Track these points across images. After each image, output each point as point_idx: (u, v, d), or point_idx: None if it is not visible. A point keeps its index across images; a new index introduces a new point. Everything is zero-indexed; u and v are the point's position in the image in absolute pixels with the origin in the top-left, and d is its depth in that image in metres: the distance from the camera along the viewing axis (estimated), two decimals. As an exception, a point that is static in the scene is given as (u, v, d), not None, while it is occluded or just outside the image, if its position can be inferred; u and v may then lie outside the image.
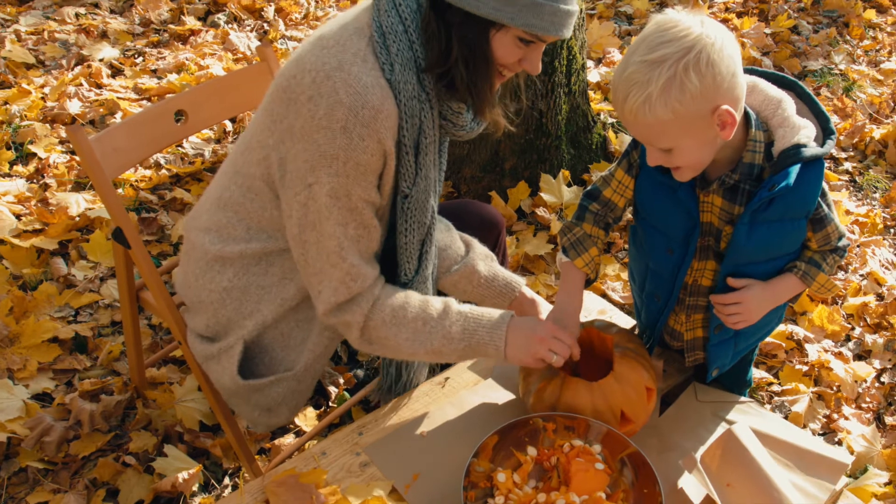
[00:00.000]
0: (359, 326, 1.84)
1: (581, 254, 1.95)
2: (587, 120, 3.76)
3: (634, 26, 5.61)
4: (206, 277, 1.98)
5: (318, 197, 1.71)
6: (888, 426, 2.79)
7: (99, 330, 2.96)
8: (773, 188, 1.67)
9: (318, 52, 1.69)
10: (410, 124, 1.74)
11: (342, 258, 1.77)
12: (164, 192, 3.65)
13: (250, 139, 1.85)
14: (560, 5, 1.62)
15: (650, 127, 1.58)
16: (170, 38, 5.15)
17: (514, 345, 1.85)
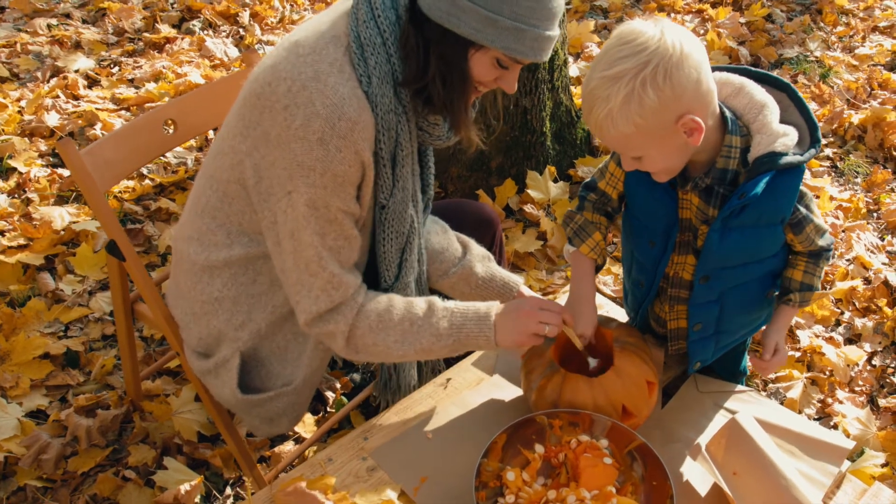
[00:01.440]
0: (343, 336, 1.83)
1: (585, 240, 1.98)
2: (571, 115, 3.77)
3: (611, 20, 5.63)
4: (196, 289, 1.96)
5: (297, 205, 1.70)
6: (882, 408, 2.82)
7: (90, 344, 2.93)
8: (742, 196, 1.69)
9: (293, 59, 1.67)
10: (387, 136, 1.73)
11: (322, 267, 1.76)
12: (148, 202, 3.62)
13: (222, 143, 1.83)
14: (542, 31, 1.61)
15: (616, 139, 1.62)
16: (145, 46, 5.11)
17: (504, 329, 1.85)
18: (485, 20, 1.58)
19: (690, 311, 1.95)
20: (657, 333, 2.16)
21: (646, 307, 2.07)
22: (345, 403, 2.72)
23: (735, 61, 5.05)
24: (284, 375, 2.01)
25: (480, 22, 1.58)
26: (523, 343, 1.86)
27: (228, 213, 1.87)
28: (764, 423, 1.90)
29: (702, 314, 1.95)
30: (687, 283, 1.95)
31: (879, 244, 3.56)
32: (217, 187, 1.86)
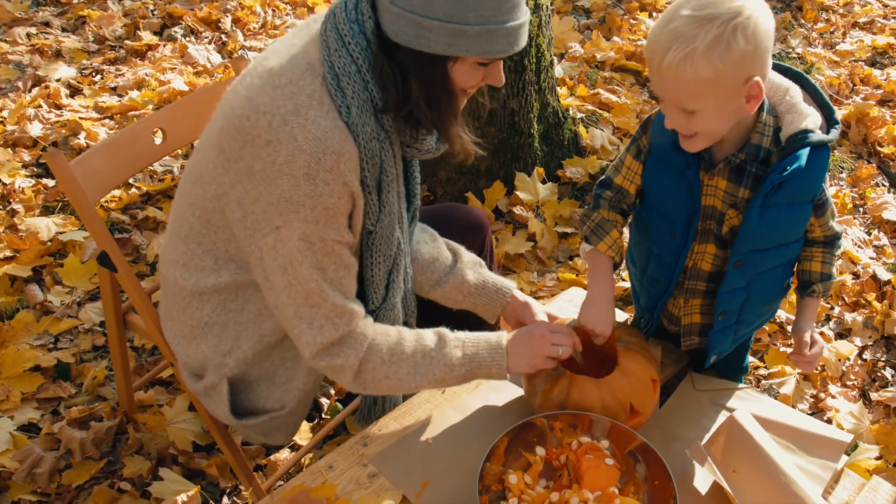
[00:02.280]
0: (353, 370, 1.79)
1: (602, 237, 1.95)
2: (558, 116, 3.78)
3: (593, 20, 5.64)
4: (185, 313, 1.93)
5: (288, 241, 1.67)
6: (874, 402, 2.84)
7: (81, 355, 2.90)
8: (784, 171, 1.70)
9: (270, 91, 1.63)
10: (371, 164, 1.71)
11: (324, 298, 1.72)
12: (135, 211, 3.59)
13: (201, 171, 1.78)
14: (512, 23, 1.59)
15: (686, 83, 1.58)
16: (127, 54, 5.07)
17: (516, 355, 1.85)
18: (454, 33, 1.56)
19: (719, 298, 1.94)
20: (668, 332, 2.16)
21: (662, 305, 2.06)
22: (339, 409, 2.71)
23: (718, 59, 5.07)
24: (275, 398, 1.99)
25: (450, 36, 1.56)
26: (537, 366, 1.85)
27: (215, 241, 1.83)
28: (761, 420, 1.91)
29: (729, 302, 1.94)
30: (705, 273, 1.95)
31: (866, 239, 3.59)
32: (200, 215, 1.82)
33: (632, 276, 2.24)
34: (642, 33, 5.36)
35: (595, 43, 5.13)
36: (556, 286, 3.26)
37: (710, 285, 1.97)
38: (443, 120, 1.72)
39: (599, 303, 1.93)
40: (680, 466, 1.84)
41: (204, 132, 1.86)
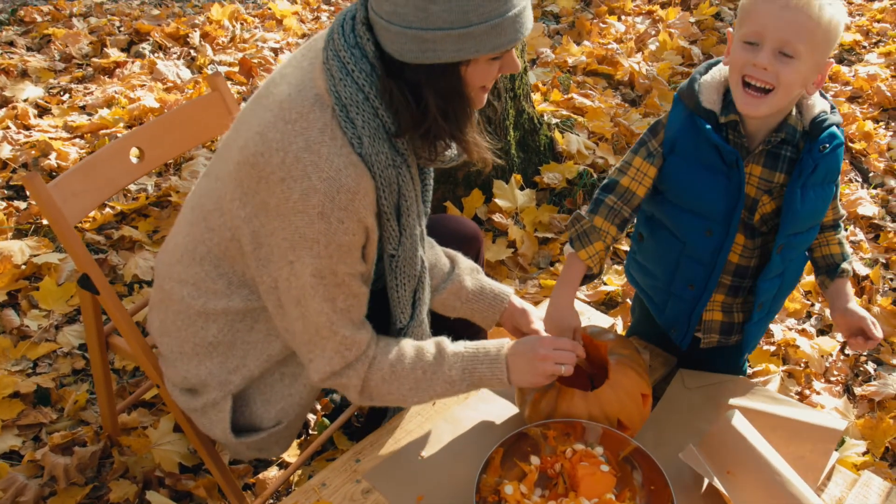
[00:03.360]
0: (357, 388, 1.81)
1: (585, 246, 1.94)
2: (533, 122, 3.79)
3: (563, 25, 5.67)
4: (188, 331, 1.91)
5: (301, 275, 1.66)
6: (858, 396, 2.87)
7: (61, 380, 2.86)
8: (824, 149, 1.78)
9: (281, 126, 1.62)
10: (388, 192, 1.68)
11: (333, 332, 1.73)
12: (110, 231, 3.55)
13: (221, 201, 1.77)
14: (513, 11, 1.55)
15: (807, 21, 1.65)
16: (94, 72, 5.02)
17: (518, 370, 1.83)
18: (460, 38, 1.53)
19: (760, 288, 1.97)
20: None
21: (701, 309, 2.05)
22: (327, 425, 2.69)
23: (688, 61, 5.12)
24: (273, 415, 1.97)
25: (457, 42, 1.53)
26: (538, 384, 1.84)
27: (232, 265, 1.82)
28: (755, 411, 1.91)
29: (768, 290, 1.98)
30: (733, 267, 1.98)
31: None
32: (219, 241, 1.80)
33: (647, 290, 2.21)
34: (612, 37, 5.40)
35: (566, 48, 5.16)
36: (539, 293, 3.26)
37: (734, 280, 2.00)
38: (461, 129, 1.70)
39: (557, 310, 1.95)
40: (674, 469, 1.84)
41: (219, 157, 1.84)
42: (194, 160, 3.99)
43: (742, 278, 1.99)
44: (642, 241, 2.14)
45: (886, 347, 3.06)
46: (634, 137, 4.25)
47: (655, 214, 2.05)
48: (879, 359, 3.03)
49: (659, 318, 2.19)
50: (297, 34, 5.59)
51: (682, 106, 1.89)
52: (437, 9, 1.50)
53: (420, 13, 1.51)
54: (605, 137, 4.19)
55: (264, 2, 6.28)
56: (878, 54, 5.16)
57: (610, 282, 3.35)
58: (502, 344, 1.87)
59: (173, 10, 6.03)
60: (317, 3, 6.23)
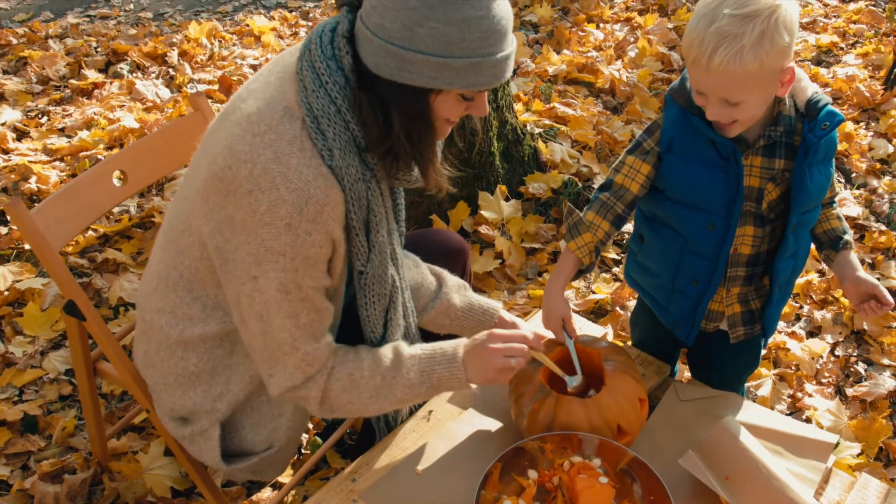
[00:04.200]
0: (317, 400, 1.80)
1: (574, 237, 1.98)
2: (517, 133, 3.79)
3: (541, 34, 5.68)
4: (170, 361, 1.89)
5: (265, 290, 1.65)
6: (850, 397, 2.87)
7: (48, 406, 2.82)
8: (826, 126, 1.81)
9: (250, 139, 1.60)
10: (357, 206, 1.68)
11: (295, 348, 1.72)
12: (93, 254, 3.51)
13: (189, 221, 1.76)
14: (497, 56, 1.55)
15: (734, 78, 1.65)
16: (72, 93, 4.99)
17: (473, 368, 1.82)
18: (438, 66, 1.52)
19: (777, 269, 2.00)
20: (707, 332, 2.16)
21: (706, 304, 2.07)
22: (319, 444, 2.66)
23: (668, 67, 5.14)
24: (263, 439, 1.96)
25: (434, 69, 1.52)
26: (494, 380, 1.83)
27: (204, 287, 1.81)
28: (747, 426, 1.92)
29: (784, 271, 2.02)
30: (745, 258, 1.99)
31: (827, 236, 3.63)
32: (190, 264, 1.79)
33: (650, 291, 2.23)
34: (591, 45, 5.41)
35: (546, 57, 5.16)
36: (528, 303, 3.25)
37: (748, 269, 2.02)
38: (422, 155, 1.69)
39: (546, 299, 1.99)
40: (672, 478, 1.83)
41: (187, 177, 1.83)
42: (177, 180, 3.96)
43: (755, 266, 2.02)
44: (643, 241, 2.16)
45: (876, 347, 3.07)
46: (618, 145, 4.26)
47: (657, 214, 2.06)
48: (869, 359, 3.04)
49: (663, 318, 2.21)
50: (275, 50, 5.58)
51: (675, 105, 1.91)
52: (423, 32, 1.49)
53: (406, 32, 1.50)
54: (589, 146, 4.19)
55: (242, 19, 6.27)
56: (855, 55, 5.21)
57: (599, 290, 3.35)
58: (459, 343, 1.86)
59: (150, 30, 6.00)
60: (294, 20, 6.23)
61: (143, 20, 6.35)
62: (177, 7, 6.70)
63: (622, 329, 3.15)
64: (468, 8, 1.49)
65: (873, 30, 5.58)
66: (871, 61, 5.10)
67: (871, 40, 5.40)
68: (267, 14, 6.34)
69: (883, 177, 4.12)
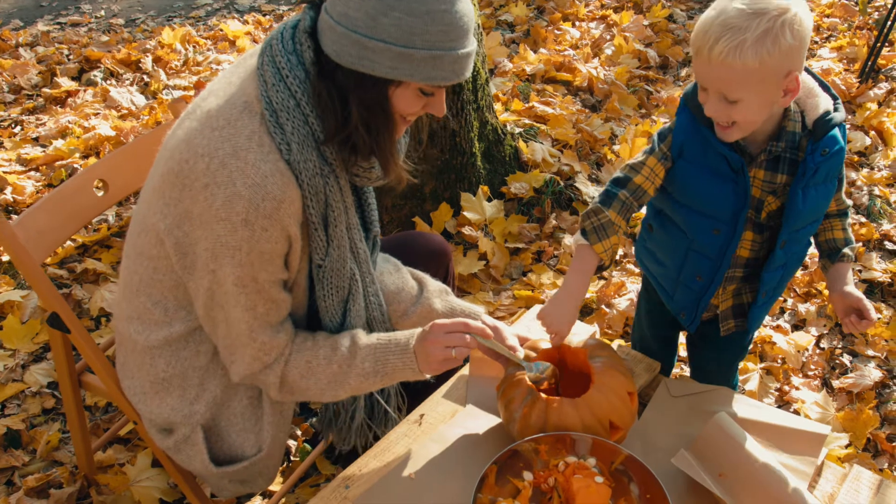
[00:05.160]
0: (276, 386, 1.84)
1: (602, 239, 1.93)
2: (497, 133, 3.78)
3: (518, 33, 5.68)
4: (142, 370, 1.89)
5: (223, 283, 1.66)
6: (836, 389, 2.89)
7: (31, 420, 2.78)
8: (825, 153, 1.81)
9: (208, 133, 1.61)
10: (315, 202, 1.69)
11: (252, 339, 1.75)
12: (73, 264, 3.47)
13: (145, 220, 1.76)
14: (458, 51, 1.58)
15: (732, 72, 1.65)
16: (45, 102, 4.94)
17: (422, 358, 1.83)
18: (399, 56, 1.54)
19: (764, 278, 2.03)
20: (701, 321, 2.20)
21: (708, 298, 2.10)
22: (309, 450, 2.64)
23: (645, 63, 5.16)
24: (251, 442, 1.95)
25: (394, 59, 1.54)
26: (440, 370, 1.84)
27: (162, 289, 1.80)
28: (739, 420, 1.92)
29: (771, 279, 2.04)
30: (744, 260, 2.03)
31: (808, 229, 3.66)
32: (147, 264, 1.79)
33: (657, 277, 2.25)
34: (568, 43, 5.42)
35: (523, 56, 5.16)
36: (513, 304, 3.24)
37: (745, 270, 2.05)
38: (380, 145, 1.69)
39: (568, 302, 1.93)
40: (666, 475, 1.82)
41: (147, 181, 1.82)
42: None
43: (752, 268, 2.06)
44: (652, 231, 2.18)
45: (860, 339, 3.09)
46: (598, 143, 4.27)
47: (665, 210, 2.08)
48: (854, 350, 3.06)
49: (669, 304, 2.24)
50: (251, 55, 5.53)
51: (687, 111, 1.92)
52: (386, 21, 1.51)
53: (369, 21, 1.52)
54: (569, 144, 4.19)
55: (215, 23, 6.22)
56: (830, 49, 5.25)
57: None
58: (412, 333, 1.87)
59: (122, 36, 5.95)
60: (269, 23, 6.19)
61: (115, 27, 6.30)
62: (148, 13, 6.64)
63: (608, 327, 3.15)
64: (433, 1, 1.51)
65: (846, 23, 5.62)
66: (845, 54, 5.14)
67: (845, 34, 5.44)
68: (240, 18, 6.30)
69: (861, 169, 4.15)
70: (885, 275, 3.38)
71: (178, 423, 1.90)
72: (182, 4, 6.80)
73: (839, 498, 1.82)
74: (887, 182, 4.03)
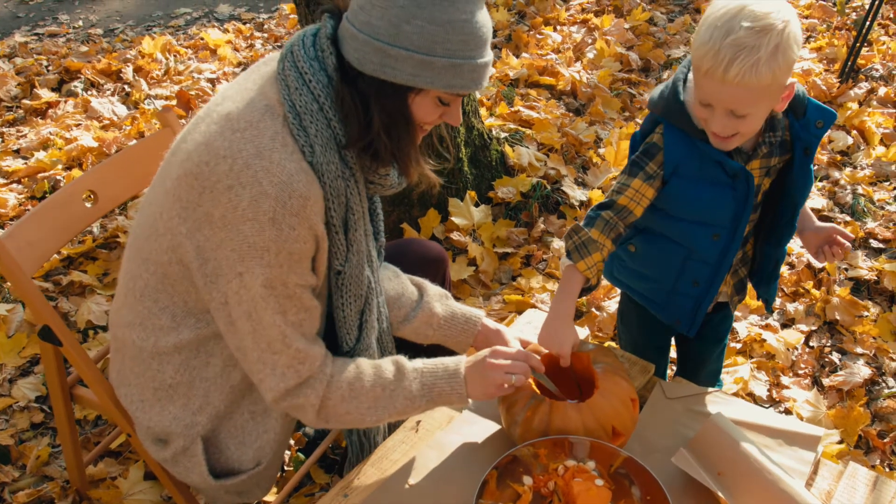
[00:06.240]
0: (314, 408, 1.78)
1: (584, 257, 1.92)
2: (483, 138, 3.78)
3: (499, 38, 5.69)
4: (146, 376, 1.86)
5: (251, 287, 1.63)
6: (827, 387, 2.90)
7: (20, 435, 2.75)
8: (820, 124, 1.86)
9: (229, 135, 1.60)
10: (337, 204, 1.69)
11: (286, 345, 1.70)
12: (58, 277, 3.44)
13: (156, 224, 1.73)
14: (477, 61, 1.60)
15: (747, 90, 1.66)
16: (25, 114, 4.90)
17: (474, 383, 1.82)
18: (420, 64, 1.56)
19: (778, 253, 2.09)
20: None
21: (708, 303, 2.12)
22: (302, 460, 2.63)
23: (627, 66, 5.18)
24: (250, 457, 1.93)
25: (416, 67, 1.56)
26: (493, 395, 1.84)
27: (172, 295, 1.77)
28: (734, 422, 1.92)
29: (782, 252, 2.10)
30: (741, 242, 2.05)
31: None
32: (155, 270, 1.76)
33: (643, 293, 2.25)
34: (550, 47, 5.44)
35: (506, 61, 5.17)
36: (503, 308, 3.24)
37: (742, 249, 2.09)
38: (402, 151, 1.71)
39: (556, 322, 1.93)
40: (665, 476, 1.83)
41: (154, 185, 1.81)
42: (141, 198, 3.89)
43: (745, 245, 2.09)
44: (634, 251, 2.16)
45: (849, 337, 3.11)
46: (583, 146, 4.28)
47: (651, 227, 2.07)
48: (843, 348, 3.08)
49: (661, 315, 2.24)
50: (232, 63, 5.52)
51: (675, 129, 1.91)
52: (409, 29, 1.54)
53: (392, 29, 1.54)
54: (555, 148, 4.20)
55: (196, 32, 6.20)
56: (809, 49, 5.29)
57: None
58: (460, 359, 1.87)
59: (102, 46, 5.91)
60: (249, 32, 6.17)
61: (94, 37, 6.26)
62: (127, 22, 6.61)
63: (599, 330, 3.16)
64: (454, 10, 1.54)
65: (825, 24, 5.67)
66: (825, 55, 5.19)
67: (824, 34, 5.49)
68: (221, 27, 6.28)
69: (844, 168, 4.18)
70: (871, 272, 3.40)
71: (177, 433, 1.87)
72: (161, 14, 6.77)
73: (836, 495, 1.83)
74: (870, 181, 4.06)
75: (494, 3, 6.14)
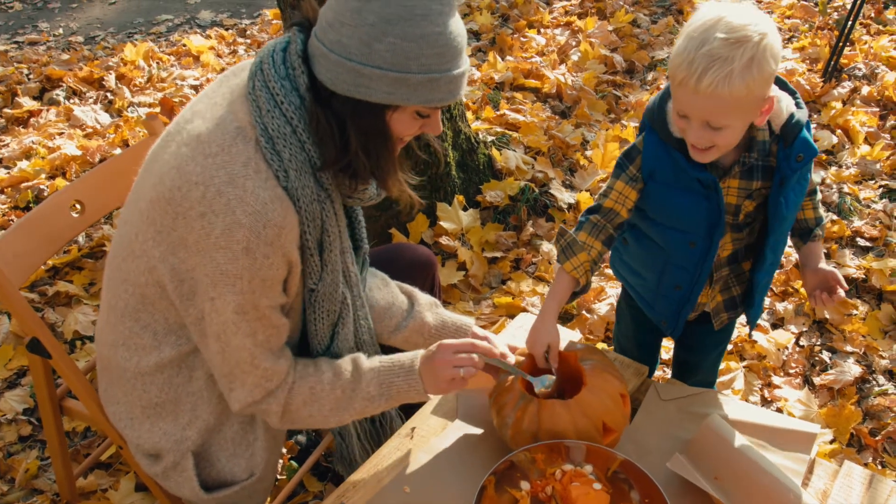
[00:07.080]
0: (278, 414, 1.80)
1: (570, 258, 1.95)
2: (470, 142, 3.78)
3: (484, 41, 5.69)
4: (133, 395, 1.85)
5: (223, 312, 1.63)
6: (818, 386, 2.91)
7: (8, 448, 2.72)
8: (800, 158, 1.82)
9: (201, 160, 1.57)
10: (312, 227, 1.67)
11: (255, 366, 1.71)
12: (44, 287, 3.40)
13: (132, 245, 1.71)
14: (453, 72, 1.58)
15: (721, 102, 1.64)
16: (7, 123, 4.86)
17: (428, 379, 1.83)
18: (395, 82, 1.53)
19: (757, 280, 2.06)
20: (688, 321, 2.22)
21: (691, 307, 2.13)
22: (295, 468, 2.61)
23: (611, 68, 5.19)
24: (243, 467, 1.92)
25: (391, 85, 1.53)
26: (447, 390, 1.85)
27: (152, 313, 1.76)
28: (730, 421, 1.92)
29: (763, 279, 2.08)
30: (725, 259, 2.05)
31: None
32: (134, 290, 1.75)
33: (636, 288, 2.28)
34: (534, 50, 5.44)
35: (491, 64, 5.17)
36: (494, 312, 3.24)
37: (731, 267, 2.07)
38: (381, 168, 1.69)
39: (537, 322, 1.95)
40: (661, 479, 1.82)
41: (128, 202, 1.79)
42: (125, 207, 3.87)
43: (736, 262, 2.08)
44: (627, 244, 2.19)
45: (838, 336, 3.12)
46: (570, 149, 4.28)
47: (639, 225, 2.09)
48: (833, 347, 3.09)
49: (649, 313, 2.26)
50: (215, 70, 5.50)
51: (654, 135, 1.92)
52: (381, 48, 1.50)
53: (364, 48, 1.51)
54: (542, 151, 4.20)
55: (178, 39, 6.17)
56: (792, 49, 5.31)
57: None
58: (416, 355, 1.87)
59: (83, 54, 5.87)
60: (232, 38, 6.15)
61: (75, 44, 6.22)
62: (108, 30, 6.57)
63: (590, 332, 3.15)
64: (427, 24, 1.51)
65: (807, 24, 5.70)
66: (808, 55, 5.21)
67: (807, 34, 5.51)
68: (203, 33, 6.25)
69: (829, 167, 4.20)
70: (858, 271, 3.41)
71: (168, 449, 1.86)
72: (142, 20, 6.73)
73: (833, 494, 1.83)
74: (855, 179, 4.08)
75: (478, 6, 6.14)
